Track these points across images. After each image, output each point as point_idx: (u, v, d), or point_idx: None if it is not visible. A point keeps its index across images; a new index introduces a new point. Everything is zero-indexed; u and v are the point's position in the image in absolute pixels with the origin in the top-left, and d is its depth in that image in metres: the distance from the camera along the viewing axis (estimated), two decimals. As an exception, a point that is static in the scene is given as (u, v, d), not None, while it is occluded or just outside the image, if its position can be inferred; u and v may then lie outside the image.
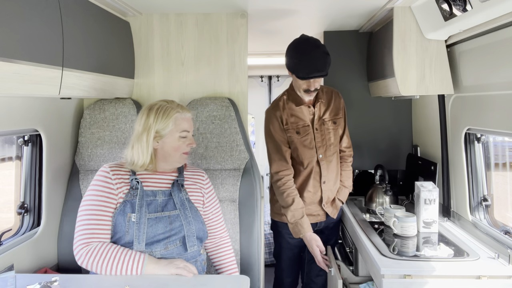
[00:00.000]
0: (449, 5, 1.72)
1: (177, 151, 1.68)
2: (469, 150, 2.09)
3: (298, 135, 2.15)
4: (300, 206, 2.11)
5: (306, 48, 1.99)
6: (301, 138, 2.15)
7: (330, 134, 2.19)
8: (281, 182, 2.12)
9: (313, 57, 1.97)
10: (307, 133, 2.15)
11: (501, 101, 1.74)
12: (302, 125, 2.15)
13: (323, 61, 1.97)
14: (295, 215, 2.09)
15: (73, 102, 2.16)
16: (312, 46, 2.00)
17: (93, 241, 1.56)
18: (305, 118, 2.16)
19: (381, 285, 1.64)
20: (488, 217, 2.02)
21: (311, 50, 1.98)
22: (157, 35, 2.32)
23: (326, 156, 2.18)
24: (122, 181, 1.65)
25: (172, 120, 1.65)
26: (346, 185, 2.32)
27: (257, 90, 4.72)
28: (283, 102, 2.19)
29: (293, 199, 2.09)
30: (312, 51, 1.98)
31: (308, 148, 2.16)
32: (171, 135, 1.66)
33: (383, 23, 2.41)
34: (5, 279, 1.30)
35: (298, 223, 2.08)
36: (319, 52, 1.98)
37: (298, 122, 2.15)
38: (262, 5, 2.18)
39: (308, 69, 1.97)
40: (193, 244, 1.66)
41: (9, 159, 1.90)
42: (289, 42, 2.06)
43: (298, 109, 2.16)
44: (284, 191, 2.11)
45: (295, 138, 2.15)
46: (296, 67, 2.00)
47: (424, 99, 2.61)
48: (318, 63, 1.97)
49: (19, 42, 1.26)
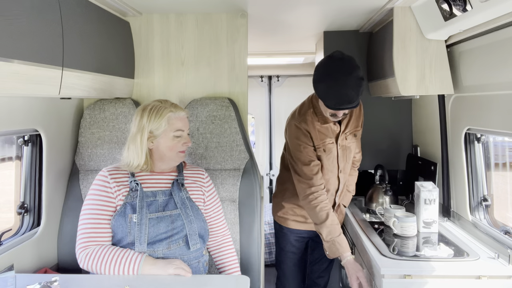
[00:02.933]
0: (449, 5, 1.72)
1: (172, 150, 1.68)
2: (469, 150, 2.09)
3: (325, 153, 2.01)
4: (336, 222, 1.93)
5: (338, 73, 1.75)
6: (326, 156, 2.02)
7: (350, 147, 2.09)
8: (313, 196, 1.94)
9: (345, 85, 1.74)
10: (331, 151, 2.03)
11: (501, 101, 1.74)
12: (328, 143, 2.02)
13: (356, 91, 1.75)
14: (332, 231, 1.89)
15: (73, 102, 2.16)
16: (346, 71, 1.75)
17: (92, 244, 1.58)
18: (331, 136, 2.02)
19: (381, 285, 1.64)
20: (488, 217, 2.02)
21: (344, 76, 1.74)
22: (157, 35, 2.32)
23: (345, 169, 2.11)
24: (121, 184, 1.66)
25: (165, 120, 1.65)
26: (350, 190, 2.28)
27: (257, 90, 4.72)
28: (310, 116, 1.99)
29: (327, 214, 1.91)
30: (345, 79, 1.74)
31: (331, 166, 2.05)
32: (165, 135, 1.66)
33: (383, 23, 2.41)
34: (5, 279, 1.30)
35: (336, 242, 1.88)
36: (352, 79, 1.74)
37: (325, 140, 2.01)
38: (262, 5, 2.17)
39: (338, 100, 1.76)
40: (196, 242, 1.66)
41: (9, 159, 1.90)
42: (289, 42, 2.05)
43: (324, 127, 2.01)
44: (316, 205, 1.92)
45: (323, 157, 2.00)
46: (324, 95, 1.80)
47: (424, 99, 2.61)
48: (350, 93, 1.74)
49: (19, 42, 1.26)
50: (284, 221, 2.21)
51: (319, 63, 1.86)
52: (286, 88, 4.68)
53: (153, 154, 1.70)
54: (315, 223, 1.96)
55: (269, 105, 4.77)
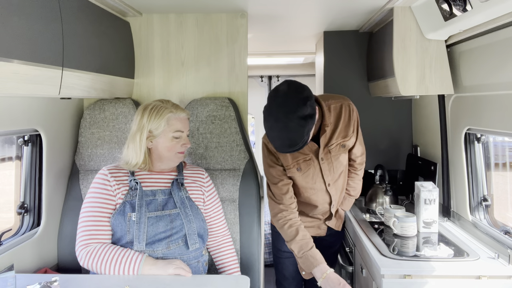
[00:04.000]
0: (449, 5, 1.72)
1: (171, 151, 1.68)
2: (469, 150, 2.09)
3: (299, 172, 1.87)
4: (308, 237, 1.84)
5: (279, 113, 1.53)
6: (302, 174, 1.88)
7: (337, 160, 1.91)
8: (282, 214, 1.88)
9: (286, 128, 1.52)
10: (309, 168, 1.88)
11: (501, 101, 1.74)
12: (303, 160, 1.86)
13: (299, 132, 1.53)
14: (303, 246, 1.80)
15: (73, 102, 2.16)
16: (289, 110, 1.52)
17: (92, 242, 1.58)
18: (306, 152, 1.87)
19: (381, 285, 1.64)
20: (488, 217, 2.02)
21: (285, 117, 1.52)
22: (157, 35, 2.32)
23: (334, 181, 1.97)
24: (120, 183, 1.66)
25: (164, 120, 1.65)
26: (352, 194, 2.14)
27: (257, 90, 4.72)
28: None
29: (297, 230, 1.83)
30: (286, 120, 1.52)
31: (311, 183, 1.91)
32: (164, 135, 1.66)
33: (383, 23, 2.41)
34: (5, 279, 1.30)
35: (309, 255, 1.78)
36: (294, 120, 1.51)
37: (299, 157, 1.86)
38: (262, 5, 2.17)
39: (280, 143, 1.58)
40: (195, 242, 1.67)
41: (9, 159, 1.90)
42: (289, 42, 2.03)
43: None
44: (285, 223, 1.86)
45: (297, 177, 1.89)
46: (268, 136, 1.61)
47: (424, 99, 2.61)
48: (292, 136, 1.53)
49: (19, 42, 1.26)
50: None
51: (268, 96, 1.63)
52: None
53: (152, 154, 1.70)
54: (286, 240, 1.88)
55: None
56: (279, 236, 2.12)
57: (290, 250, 1.88)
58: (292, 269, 2.19)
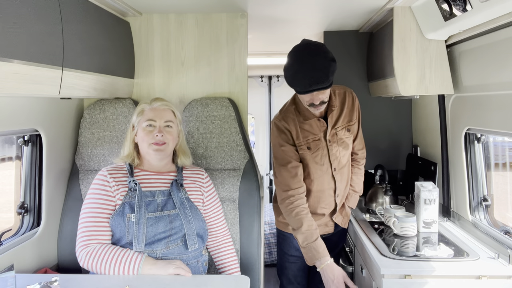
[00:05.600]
0: (449, 5, 1.72)
1: (144, 141, 1.72)
2: (469, 150, 2.09)
3: (309, 150, 1.93)
4: (314, 227, 1.85)
5: (303, 56, 1.69)
6: (312, 154, 1.94)
7: (344, 144, 1.98)
8: (290, 200, 1.88)
9: (312, 67, 1.66)
10: (318, 148, 1.94)
11: (501, 101, 1.74)
12: (313, 139, 1.93)
13: (324, 72, 1.66)
14: (308, 237, 1.82)
15: (73, 102, 2.16)
16: (312, 53, 1.68)
17: (93, 243, 1.59)
18: (315, 132, 1.93)
19: (381, 285, 1.64)
20: (488, 217, 2.02)
21: (310, 58, 1.67)
22: (157, 35, 2.32)
23: (340, 168, 2.00)
24: (120, 184, 1.67)
25: (140, 112, 1.76)
26: (357, 190, 2.16)
27: (257, 90, 4.72)
28: (292, 113, 1.95)
29: (304, 219, 1.84)
30: (312, 60, 1.67)
31: (319, 164, 1.95)
32: (139, 126, 1.74)
33: (383, 23, 2.41)
34: (5, 279, 1.30)
35: (312, 247, 1.81)
36: (319, 60, 1.67)
37: (309, 137, 1.93)
38: (262, 5, 2.17)
39: (305, 81, 1.67)
40: (194, 242, 1.67)
41: (9, 159, 1.90)
42: (289, 42, 2.03)
43: (306, 123, 1.93)
44: (292, 209, 1.86)
45: (307, 155, 1.93)
46: (292, 80, 1.73)
47: (424, 99, 2.61)
48: (317, 74, 1.66)
49: (19, 42, 1.26)
50: (285, 227, 2.10)
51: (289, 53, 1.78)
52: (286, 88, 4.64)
53: (139, 149, 1.78)
54: (292, 228, 1.90)
55: (269, 105, 4.77)
56: (285, 239, 2.13)
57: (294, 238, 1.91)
58: (298, 274, 2.16)
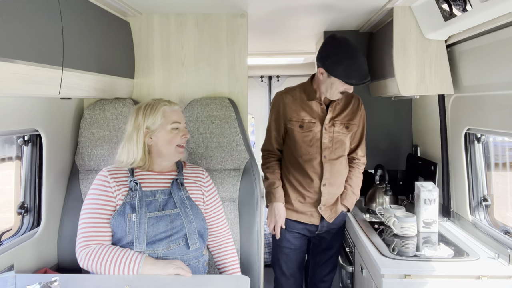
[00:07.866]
0: (449, 5, 1.72)
1: (171, 144, 1.69)
2: (469, 150, 2.09)
3: (300, 128, 2.11)
4: (277, 178, 2.17)
5: (350, 51, 1.94)
6: (303, 133, 2.11)
7: (339, 137, 2.13)
8: (264, 157, 2.25)
9: (363, 61, 1.94)
10: (310, 130, 2.11)
11: (501, 101, 1.74)
12: (308, 121, 2.11)
13: (367, 66, 1.96)
14: (271, 184, 2.16)
15: (73, 102, 2.16)
16: (355, 48, 1.95)
17: (92, 243, 1.59)
18: (313, 114, 2.12)
19: (381, 285, 1.64)
20: (488, 217, 2.02)
21: (356, 53, 1.94)
22: (157, 35, 2.32)
23: (331, 158, 2.12)
24: (120, 184, 1.66)
25: (160, 114, 1.67)
26: (355, 192, 2.24)
27: (257, 90, 4.72)
28: (297, 90, 2.16)
29: (273, 170, 2.18)
30: (358, 55, 1.94)
31: (308, 145, 2.11)
32: (162, 128, 1.67)
33: (383, 23, 2.41)
34: (5, 279, 1.30)
35: (271, 192, 2.14)
36: (362, 56, 1.95)
37: (305, 117, 2.11)
38: (262, 5, 2.17)
39: (360, 75, 1.93)
40: (195, 241, 1.67)
41: (9, 159, 1.90)
42: (289, 42, 2.05)
43: (308, 103, 2.12)
44: (264, 164, 2.24)
45: (296, 132, 2.12)
46: (347, 74, 1.93)
47: (424, 99, 2.61)
48: (366, 68, 1.95)
49: (19, 42, 1.26)
50: None
51: (326, 47, 2.00)
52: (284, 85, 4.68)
53: (152, 151, 1.71)
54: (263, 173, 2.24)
55: (269, 105, 4.76)
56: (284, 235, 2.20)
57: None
58: (291, 266, 2.23)
